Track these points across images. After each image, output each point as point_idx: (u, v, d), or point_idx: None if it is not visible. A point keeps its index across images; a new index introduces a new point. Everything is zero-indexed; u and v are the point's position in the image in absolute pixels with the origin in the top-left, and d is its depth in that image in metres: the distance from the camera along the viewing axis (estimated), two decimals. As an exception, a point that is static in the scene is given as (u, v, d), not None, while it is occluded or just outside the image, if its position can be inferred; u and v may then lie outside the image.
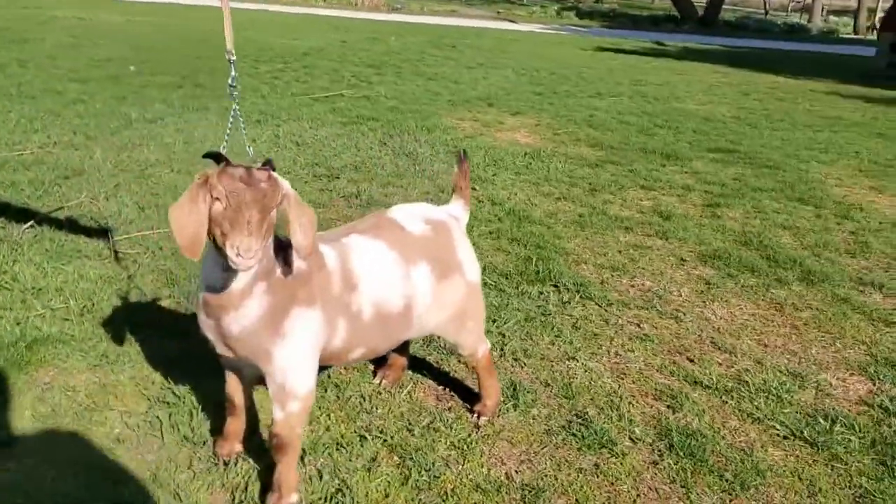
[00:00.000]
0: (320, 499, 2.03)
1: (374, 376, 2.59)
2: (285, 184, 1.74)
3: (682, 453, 2.28)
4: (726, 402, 2.59)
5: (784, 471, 2.25)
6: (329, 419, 2.35)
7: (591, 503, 2.07)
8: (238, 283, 1.78)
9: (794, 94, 10.47)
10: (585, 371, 2.73)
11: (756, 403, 2.59)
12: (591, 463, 2.23)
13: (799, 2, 41.17)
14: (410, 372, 2.63)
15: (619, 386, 2.65)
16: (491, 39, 15.97)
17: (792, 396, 2.64)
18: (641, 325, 3.13)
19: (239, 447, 2.18)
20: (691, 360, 2.88)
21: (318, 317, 1.91)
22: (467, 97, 8.47)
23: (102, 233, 3.60)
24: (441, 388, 2.58)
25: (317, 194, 4.52)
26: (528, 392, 2.56)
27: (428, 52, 12.54)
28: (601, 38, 18.78)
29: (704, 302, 3.40)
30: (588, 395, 2.58)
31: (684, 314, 3.25)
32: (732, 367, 2.85)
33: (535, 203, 4.68)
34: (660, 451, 2.31)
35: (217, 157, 1.70)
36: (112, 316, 2.85)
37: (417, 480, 2.10)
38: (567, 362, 2.79)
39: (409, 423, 2.36)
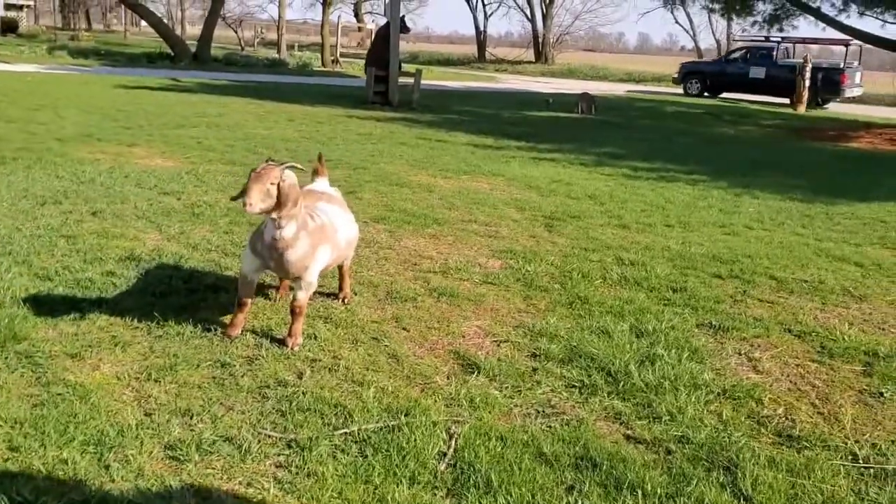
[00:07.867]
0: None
1: (271, 298, 4.20)
2: (287, 174, 3.34)
3: (444, 295, 4.41)
4: (453, 280, 4.79)
5: (494, 294, 4.54)
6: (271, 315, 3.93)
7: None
8: (288, 233, 3.36)
9: (328, 119, 13.27)
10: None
11: (465, 276, 4.84)
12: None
13: (262, 38, 46.22)
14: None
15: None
16: (10, 80, 15.75)
17: (475, 270, 4.97)
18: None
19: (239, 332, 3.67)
20: (424, 258, 5.02)
21: (329, 247, 3.60)
22: (67, 135, 9.20)
23: None
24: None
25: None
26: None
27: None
28: (115, 76, 19.56)
29: (396, 240, 5.56)
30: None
31: (396, 248, 5.38)
32: (442, 264, 5.04)
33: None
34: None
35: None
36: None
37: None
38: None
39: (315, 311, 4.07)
